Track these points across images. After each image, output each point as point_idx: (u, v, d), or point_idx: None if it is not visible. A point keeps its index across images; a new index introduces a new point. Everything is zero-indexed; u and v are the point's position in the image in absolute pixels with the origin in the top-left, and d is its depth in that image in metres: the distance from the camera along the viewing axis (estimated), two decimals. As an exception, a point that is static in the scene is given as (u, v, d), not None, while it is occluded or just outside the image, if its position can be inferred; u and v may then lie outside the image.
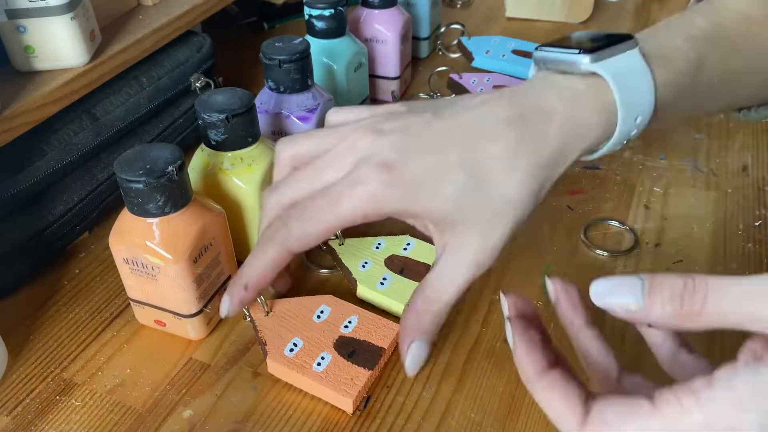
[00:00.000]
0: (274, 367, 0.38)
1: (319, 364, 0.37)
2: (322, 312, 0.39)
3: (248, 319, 0.39)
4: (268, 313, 0.39)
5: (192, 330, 0.41)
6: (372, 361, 0.37)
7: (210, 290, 0.41)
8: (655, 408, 0.23)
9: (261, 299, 0.38)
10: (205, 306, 0.40)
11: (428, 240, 0.38)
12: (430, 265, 0.45)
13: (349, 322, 0.39)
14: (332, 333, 0.39)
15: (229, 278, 0.43)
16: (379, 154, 0.33)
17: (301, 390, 0.38)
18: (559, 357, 0.28)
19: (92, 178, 0.49)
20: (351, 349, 0.38)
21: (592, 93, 0.33)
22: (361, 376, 0.37)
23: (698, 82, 0.35)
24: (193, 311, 0.40)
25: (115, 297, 0.45)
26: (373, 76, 0.65)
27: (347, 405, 0.36)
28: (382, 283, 0.43)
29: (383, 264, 0.45)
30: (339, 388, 0.36)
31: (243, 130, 0.42)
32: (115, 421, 0.37)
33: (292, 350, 0.37)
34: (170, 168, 0.36)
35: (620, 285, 0.26)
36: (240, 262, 0.46)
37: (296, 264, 0.47)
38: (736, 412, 0.22)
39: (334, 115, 0.38)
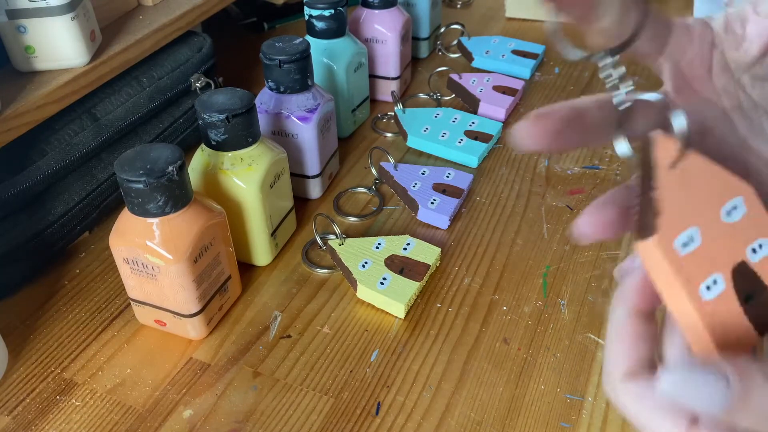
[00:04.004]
0: (654, 253, 0.27)
1: (708, 288, 0.27)
2: (734, 209, 0.28)
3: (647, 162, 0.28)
4: (676, 163, 0.27)
5: (192, 330, 0.41)
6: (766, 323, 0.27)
7: (210, 290, 0.41)
8: None
9: (684, 134, 0.26)
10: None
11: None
12: (429, 265, 0.45)
13: (759, 246, 0.27)
14: (735, 249, 0.28)
15: (229, 278, 0.43)
16: None
17: (302, 389, 0.38)
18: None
19: (92, 178, 0.49)
20: (750, 291, 0.28)
21: None
22: (748, 336, 0.26)
23: None
24: (194, 311, 0.40)
25: (115, 297, 0.45)
26: (373, 77, 0.65)
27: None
28: (382, 283, 0.43)
29: (383, 264, 0.45)
30: (719, 344, 0.26)
31: (243, 130, 0.42)
32: (115, 421, 0.37)
33: (685, 245, 0.26)
34: (170, 168, 0.36)
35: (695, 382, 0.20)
36: (240, 262, 0.46)
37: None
38: None
39: None
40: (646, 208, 0.24)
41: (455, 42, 0.75)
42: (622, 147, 0.24)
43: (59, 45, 0.45)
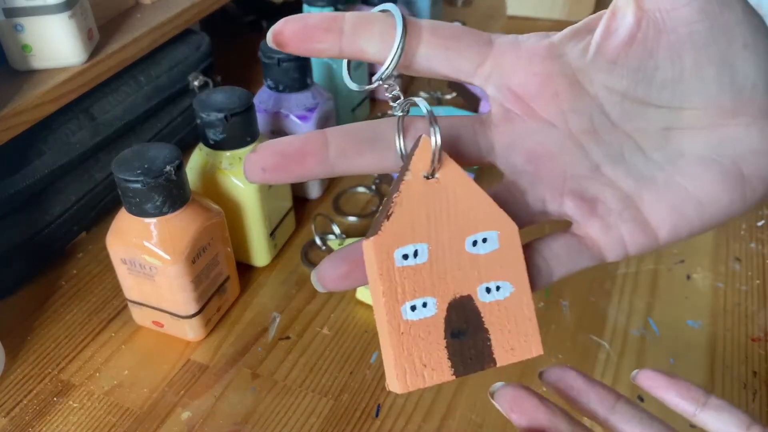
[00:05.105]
0: (370, 253, 0.23)
1: (413, 308, 0.23)
2: (484, 240, 0.24)
3: (404, 167, 0.24)
4: (431, 175, 0.23)
5: (190, 331, 0.41)
6: (468, 366, 0.24)
7: (208, 291, 0.40)
8: None
9: (437, 144, 0.23)
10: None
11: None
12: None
13: (498, 288, 0.24)
14: (466, 282, 0.24)
15: (227, 279, 0.42)
16: None
17: (301, 391, 0.38)
18: None
19: (90, 178, 0.48)
20: (463, 327, 0.24)
21: None
22: (441, 370, 0.23)
23: None
24: (192, 312, 0.40)
25: (112, 298, 0.45)
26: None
27: (394, 386, 0.24)
28: (382, 284, 0.43)
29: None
30: (404, 364, 0.23)
31: (242, 130, 0.42)
32: (112, 423, 0.37)
33: (405, 257, 0.23)
34: (168, 167, 0.35)
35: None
36: (239, 263, 0.45)
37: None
38: None
39: None
40: (384, 208, 0.23)
41: (455, 40, 0.74)
42: (397, 148, 0.23)
43: (56, 43, 0.45)
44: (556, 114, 0.24)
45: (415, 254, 0.23)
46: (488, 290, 0.24)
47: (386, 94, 0.24)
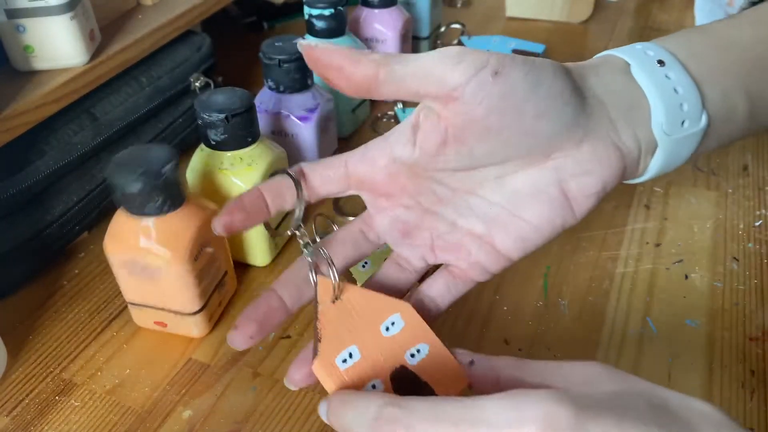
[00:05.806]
0: (319, 371, 0.30)
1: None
2: (393, 324, 0.31)
3: (315, 301, 0.32)
4: (336, 299, 0.31)
5: (195, 327, 0.41)
6: None
7: (210, 287, 0.41)
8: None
9: (335, 279, 0.31)
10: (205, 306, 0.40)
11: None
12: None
13: (418, 350, 0.30)
14: (395, 357, 0.30)
15: (225, 274, 0.43)
16: None
17: (301, 390, 0.38)
18: None
19: (91, 178, 0.49)
20: (410, 389, 0.29)
21: None
22: None
23: None
24: (196, 308, 0.40)
25: (114, 297, 0.45)
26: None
27: None
28: (382, 283, 0.43)
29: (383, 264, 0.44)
30: None
31: (243, 130, 0.42)
32: (114, 422, 0.37)
33: (345, 361, 0.29)
34: (165, 168, 0.36)
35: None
36: (236, 261, 0.46)
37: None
38: None
39: None
40: (315, 335, 0.30)
41: (455, 41, 0.74)
42: (312, 282, 0.32)
43: (58, 44, 0.45)
44: (409, 199, 0.32)
45: (350, 356, 0.29)
46: (413, 355, 0.30)
47: (299, 240, 0.33)
